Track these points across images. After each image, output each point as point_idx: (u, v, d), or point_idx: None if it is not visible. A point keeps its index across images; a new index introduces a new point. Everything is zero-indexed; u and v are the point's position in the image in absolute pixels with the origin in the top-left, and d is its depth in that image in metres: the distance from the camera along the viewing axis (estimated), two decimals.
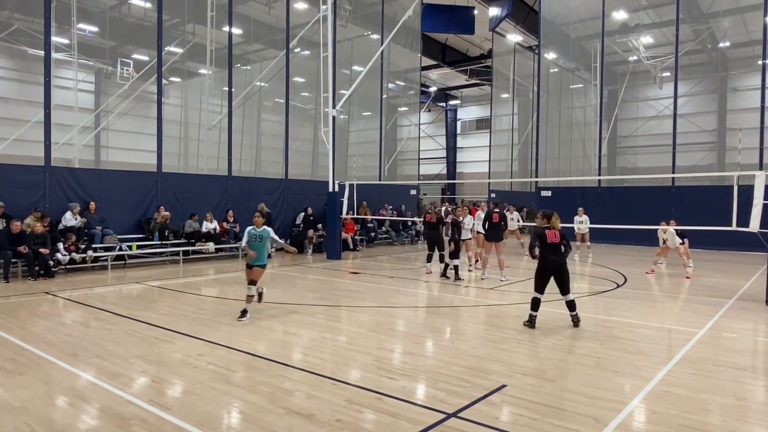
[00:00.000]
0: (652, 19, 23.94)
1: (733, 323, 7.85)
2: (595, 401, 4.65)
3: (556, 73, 26.81)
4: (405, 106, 29.09)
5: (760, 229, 9.60)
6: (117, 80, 17.21)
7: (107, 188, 14.10)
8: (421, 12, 24.57)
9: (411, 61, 25.96)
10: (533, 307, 7.47)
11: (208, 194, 16.30)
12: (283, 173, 18.87)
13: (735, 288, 10.99)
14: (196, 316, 8.05)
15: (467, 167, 40.92)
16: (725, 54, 26.14)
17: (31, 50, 16.20)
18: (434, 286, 11.31)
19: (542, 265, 7.39)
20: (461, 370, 5.49)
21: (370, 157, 24.01)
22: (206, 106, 18.78)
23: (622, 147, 29.29)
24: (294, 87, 20.15)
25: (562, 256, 7.32)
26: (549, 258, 7.30)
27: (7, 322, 7.44)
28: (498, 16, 26.21)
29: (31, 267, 11.31)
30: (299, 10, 19.53)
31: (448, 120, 42.62)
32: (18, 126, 14.29)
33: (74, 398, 4.69)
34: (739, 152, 16.94)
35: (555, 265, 7.30)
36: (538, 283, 7.45)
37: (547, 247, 7.30)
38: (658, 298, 10.26)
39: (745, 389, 5.06)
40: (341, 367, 5.66)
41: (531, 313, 7.48)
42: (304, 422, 4.14)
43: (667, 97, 22.90)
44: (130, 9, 18.91)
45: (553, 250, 7.28)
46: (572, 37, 25.15)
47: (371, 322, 7.83)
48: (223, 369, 5.49)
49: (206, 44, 18.06)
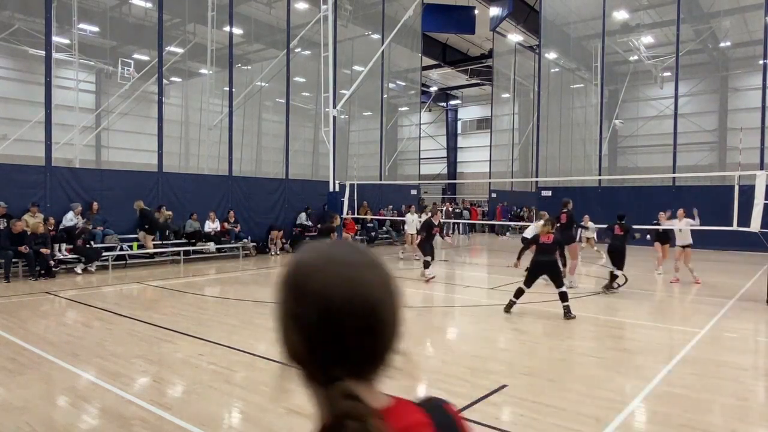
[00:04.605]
0: (653, 18, 23.92)
1: (734, 323, 7.84)
2: (595, 401, 4.65)
3: (556, 73, 26.79)
4: (405, 106, 29.07)
5: (760, 229, 9.59)
6: (118, 80, 17.19)
7: (108, 188, 14.10)
8: (421, 12, 24.55)
9: (411, 61, 25.95)
10: (515, 295, 8.22)
11: (209, 194, 16.30)
12: (284, 173, 18.87)
13: (736, 288, 10.98)
14: (196, 316, 8.06)
15: (468, 167, 40.89)
16: (726, 54, 26.12)
17: (32, 50, 16.20)
18: (435, 286, 11.31)
19: (533, 262, 8.16)
20: (462, 370, 5.49)
21: (370, 157, 24.00)
22: (207, 106, 18.77)
23: (623, 147, 29.27)
24: (294, 87, 20.14)
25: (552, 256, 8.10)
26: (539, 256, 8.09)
27: (8, 322, 7.45)
28: (498, 15, 26.20)
29: (32, 267, 11.33)
30: (300, 10, 19.52)
31: (449, 120, 42.59)
32: (19, 126, 14.30)
33: (75, 398, 4.70)
34: (740, 152, 16.93)
35: (544, 263, 8.03)
36: (527, 278, 8.20)
37: (540, 246, 8.12)
38: (659, 298, 10.25)
39: (746, 389, 5.05)
40: None
41: (512, 299, 8.23)
42: (304, 422, 4.13)
43: (667, 97, 22.87)
44: (131, 9, 18.91)
45: (544, 251, 8.06)
46: (573, 37, 25.12)
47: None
48: (224, 369, 5.49)
49: (207, 44, 18.05)
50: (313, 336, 0.75)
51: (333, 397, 0.74)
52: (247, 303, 9.18)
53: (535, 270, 8.12)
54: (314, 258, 0.79)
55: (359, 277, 0.76)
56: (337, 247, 0.81)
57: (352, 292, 0.74)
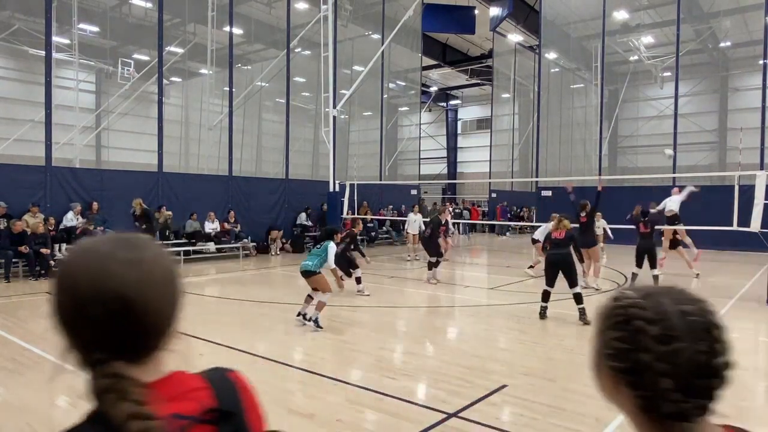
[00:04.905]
0: (653, 18, 23.92)
1: (735, 323, 7.82)
2: (596, 401, 4.63)
3: (556, 73, 26.79)
4: (405, 106, 29.06)
5: (761, 229, 9.59)
6: (118, 80, 17.20)
7: (108, 188, 14.11)
8: (421, 12, 24.54)
9: (411, 61, 25.95)
10: (543, 299, 8.00)
11: (209, 194, 16.30)
12: (284, 173, 18.87)
13: (736, 288, 10.97)
14: (197, 316, 8.06)
15: (468, 167, 40.88)
16: (726, 54, 26.11)
17: (32, 50, 16.21)
18: (434, 287, 11.30)
19: (548, 259, 8.04)
20: (462, 370, 5.49)
21: (370, 157, 23.99)
22: (207, 106, 18.77)
23: (623, 147, 29.28)
24: (294, 87, 20.15)
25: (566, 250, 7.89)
26: (551, 251, 8.00)
27: (8, 322, 7.45)
28: (498, 16, 26.20)
29: (32, 267, 11.33)
30: (300, 10, 19.52)
31: (449, 120, 42.59)
32: (19, 126, 14.30)
33: (75, 398, 4.70)
34: (740, 152, 16.92)
35: (557, 258, 7.82)
36: (547, 276, 7.99)
37: (552, 241, 8.03)
38: None
39: (746, 389, 5.05)
40: (342, 366, 5.66)
41: (541, 303, 8.02)
42: (304, 422, 4.14)
43: (668, 97, 22.86)
44: (131, 9, 18.91)
45: (557, 245, 7.91)
46: (573, 37, 25.13)
47: (372, 322, 7.83)
48: None
49: (207, 44, 18.06)
50: (70, 322, 0.82)
51: (96, 377, 0.80)
52: (247, 303, 9.18)
53: (551, 267, 7.83)
54: (77, 250, 0.86)
55: (108, 268, 0.82)
56: (104, 241, 0.86)
57: (100, 282, 0.80)
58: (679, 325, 0.81)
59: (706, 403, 0.81)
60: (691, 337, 0.80)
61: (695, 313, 0.82)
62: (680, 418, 0.80)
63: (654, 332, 0.81)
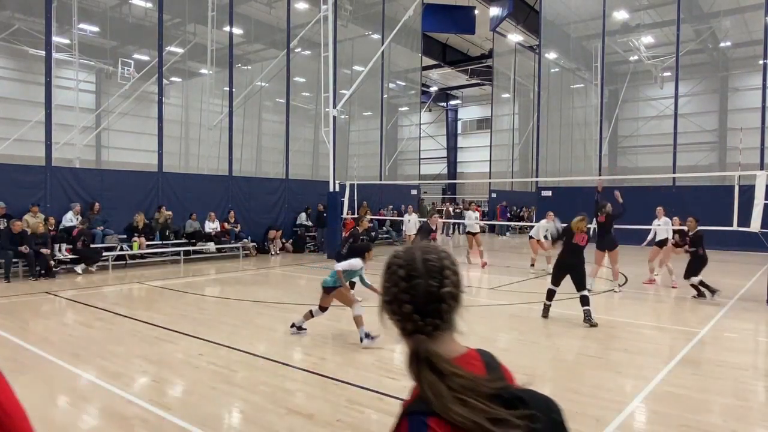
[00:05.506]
0: (653, 18, 23.92)
1: (735, 323, 7.84)
2: (595, 401, 4.65)
3: (556, 73, 26.79)
4: (405, 106, 29.07)
5: (761, 229, 9.59)
6: (118, 80, 17.19)
7: (108, 188, 14.10)
8: (421, 12, 24.54)
9: (411, 61, 25.95)
10: (547, 297, 7.96)
11: (209, 194, 16.30)
12: (284, 173, 18.88)
13: (736, 288, 10.98)
14: (197, 316, 8.06)
15: (468, 167, 40.91)
16: (726, 54, 26.11)
17: (32, 50, 16.22)
18: None
19: (560, 261, 7.89)
20: None
21: (370, 157, 23.99)
22: (207, 106, 18.77)
23: (623, 147, 29.27)
24: (295, 87, 20.14)
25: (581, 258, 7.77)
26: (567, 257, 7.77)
27: (8, 322, 7.45)
28: (498, 16, 26.20)
29: (32, 267, 11.33)
30: (300, 10, 19.51)
31: (449, 120, 42.61)
32: (19, 126, 14.30)
33: (75, 398, 4.70)
34: (740, 152, 16.93)
35: (571, 264, 7.72)
36: (554, 276, 7.93)
37: (571, 246, 7.77)
38: (659, 298, 10.25)
39: (746, 389, 5.06)
40: (342, 366, 5.66)
41: (545, 302, 7.98)
42: (304, 422, 4.14)
43: (668, 97, 22.86)
44: (131, 9, 18.91)
45: (575, 252, 7.73)
46: (573, 37, 25.12)
47: (372, 322, 7.82)
48: (224, 369, 5.49)
49: (207, 44, 18.06)
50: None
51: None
52: (247, 303, 9.18)
53: (562, 269, 7.81)
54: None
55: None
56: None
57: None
58: (419, 268, 1.12)
59: (438, 322, 1.12)
60: (428, 275, 1.11)
61: (433, 260, 1.13)
62: (421, 333, 1.10)
63: (401, 273, 1.12)
